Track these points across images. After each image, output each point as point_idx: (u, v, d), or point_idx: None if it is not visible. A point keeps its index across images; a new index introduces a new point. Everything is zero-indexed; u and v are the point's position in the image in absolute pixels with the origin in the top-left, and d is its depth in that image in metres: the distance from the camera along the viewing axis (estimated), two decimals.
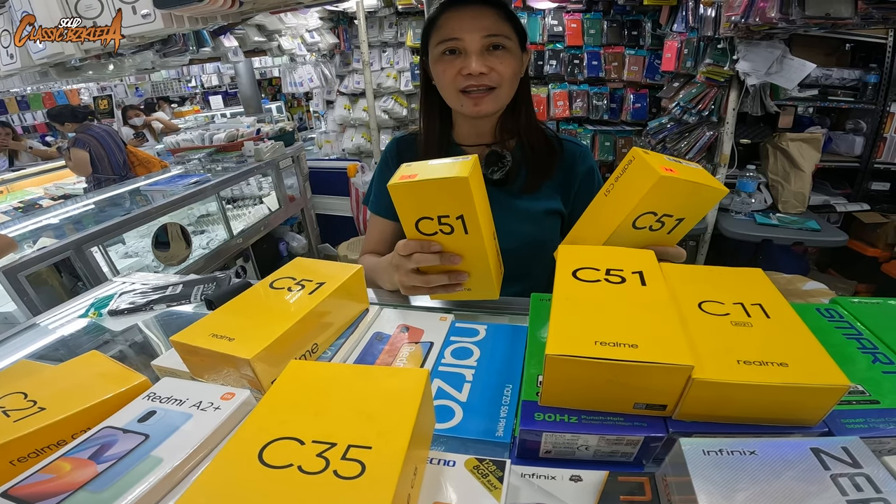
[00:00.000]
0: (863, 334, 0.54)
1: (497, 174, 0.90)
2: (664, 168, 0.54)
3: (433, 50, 0.84)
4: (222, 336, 0.53)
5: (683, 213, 0.59)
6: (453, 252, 0.63)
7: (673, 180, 0.54)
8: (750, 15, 1.77)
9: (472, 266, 0.65)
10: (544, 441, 0.43)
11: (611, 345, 0.40)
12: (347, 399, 0.39)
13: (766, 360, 0.40)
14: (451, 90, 0.83)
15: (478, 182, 0.61)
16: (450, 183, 0.55)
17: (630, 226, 0.59)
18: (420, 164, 0.62)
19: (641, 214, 0.58)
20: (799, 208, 2.36)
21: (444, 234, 0.61)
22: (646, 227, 0.60)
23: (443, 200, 0.58)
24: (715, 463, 0.34)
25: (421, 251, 0.63)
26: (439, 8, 0.83)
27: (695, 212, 0.59)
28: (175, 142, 3.50)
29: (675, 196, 0.56)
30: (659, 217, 0.59)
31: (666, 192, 0.56)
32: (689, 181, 0.55)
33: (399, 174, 0.59)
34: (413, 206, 0.60)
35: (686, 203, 0.58)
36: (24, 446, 0.44)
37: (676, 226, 0.61)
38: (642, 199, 0.56)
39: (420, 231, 0.62)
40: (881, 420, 0.42)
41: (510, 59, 0.81)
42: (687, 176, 0.55)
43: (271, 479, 0.31)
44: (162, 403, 0.46)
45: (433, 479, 0.37)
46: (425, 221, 0.61)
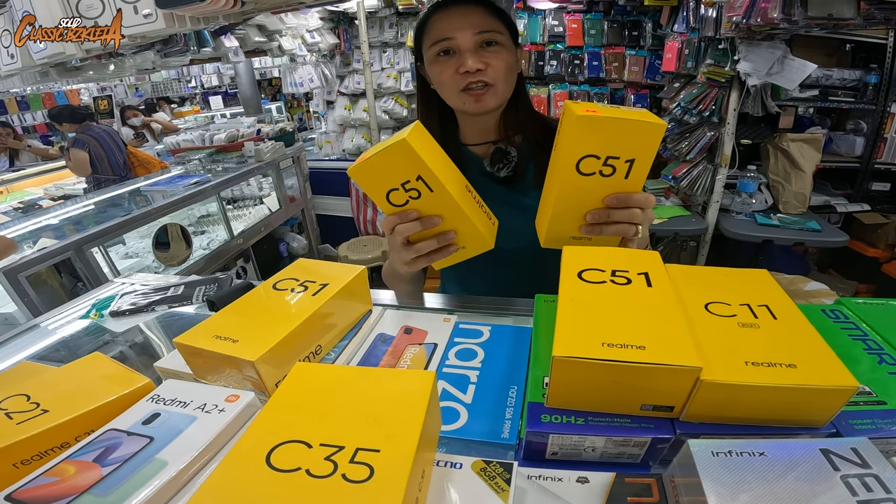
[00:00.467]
0: (868, 335, 0.53)
1: (503, 171, 0.89)
2: (585, 109, 0.55)
3: (427, 53, 0.83)
4: (226, 338, 0.52)
5: (628, 154, 0.58)
6: (430, 214, 0.65)
7: (594, 119, 0.54)
8: (751, 15, 1.77)
9: (454, 223, 0.67)
10: (551, 443, 0.43)
11: (618, 346, 0.40)
12: (354, 402, 0.39)
13: (774, 362, 0.40)
14: (451, 90, 0.83)
15: (425, 142, 0.63)
16: (394, 150, 0.58)
17: (575, 173, 0.59)
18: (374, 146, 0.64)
19: (581, 159, 0.58)
20: (799, 209, 2.36)
21: (414, 199, 0.64)
22: (594, 171, 0.59)
23: (396, 168, 0.60)
24: (724, 464, 0.34)
25: (401, 221, 0.65)
26: (427, 12, 0.83)
27: (639, 150, 0.58)
28: (175, 142, 3.50)
29: (606, 135, 0.56)
30: (604, 160, 0.58)
31: (593, 132, 0.56)
32: (610, 118, 0.55)
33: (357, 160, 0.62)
34: (375, 183, 0.63)
35: (623, 141, 0.57)
36: (28, 449, 0.44)
37: (630, 169, 0.59)
38: (571, 144, 0.57)
39: (393, 204, 0.65)
40: (888, 421, 0.42)
41: (504, 54, 0.81)
42: (611, 114, 0.55)
43: (280, 483, 0.31)
44: (166, 406, 0.46)
45: (440, 482, 0.37)
46: (393, 193, 0.63)
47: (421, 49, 0.85)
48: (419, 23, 0.84)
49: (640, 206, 0.62)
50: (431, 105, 0.92)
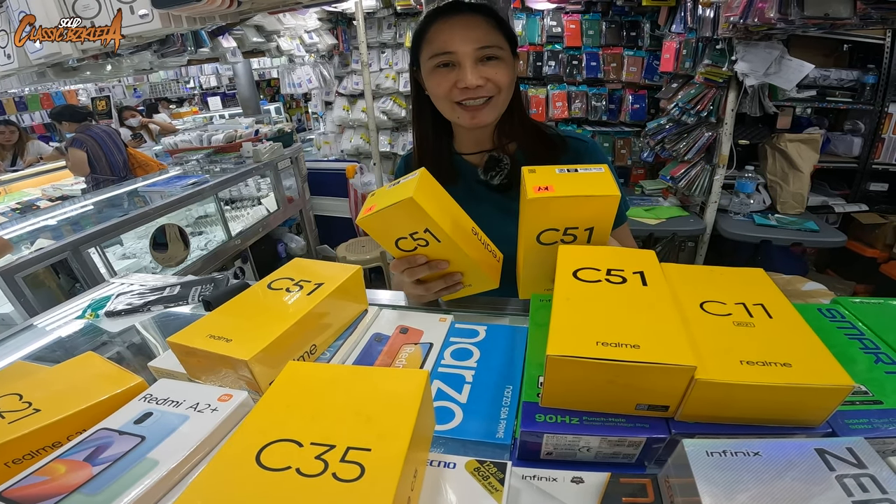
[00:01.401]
0: (865, 334, 0.53)
1: (497, 179, 0.89)
2: (537, 188, 0.55)
3: (425, 63, 0.82)
4: (220, 337, 0.52)
5: (586, 224, 0.59)
6: (438, 259, 0.67)
7: (542, 200, 0.55)
8: (748, 15, 1.77)
9: (461, 266, 0.69)
10: (545, 443, 0.42)
11: (612, 345, 0.40)
12: (346, 401, 0.39)
13: (769, 361, 0.40)
14: (446, 103, 0.82)
15: (432, 193, 0.63)
16: (401, 207, 0.59)
17: (537, 244, 0.61)
18: (381, 190, 0.66)
19: (541, 232, 0.59)
20: (797, 209, 2.36)
21: (422, 246, 0.66)
22: (555, 241, 0.60)
23: (404, 222, 0.62)
24: (718, 464, 0.34)
25: (409, 266, 0.68)
26: (427, 19, 0.81)
27: (596, 220, 0.58)
28: (173, 143, 3.49)
29: (558, 211, 0.57)
30: (563, 231, 0.59)
31: (546, 211, 0.56)
32: (564, 196, 0.55)
33: (366, 206, 0.63)
34: (383, 233, 0.65)
35: (579, 215, 0.57)
36: (19, 448, 0.44)
37: (591, 234, 0.60)
38: (528, 221, 0.58)
39: (401, 249, 0.67)
40: (884, 420, 0.42)
41: (504, 69, 0.80)
42: (564, 191, 0.55)
43: (269, 482, 0.31)
44: (158, 405, 0.46)
45: (433, 482, 0.37)
46: (402, 241, 0.65)
47: (418, 55, 0.84)
48: (419, 29, 0.83)
49: None
50: (425, 112, 0.91)
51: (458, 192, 0.93)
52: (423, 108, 0.91)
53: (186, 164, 3.23)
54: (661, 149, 2.55)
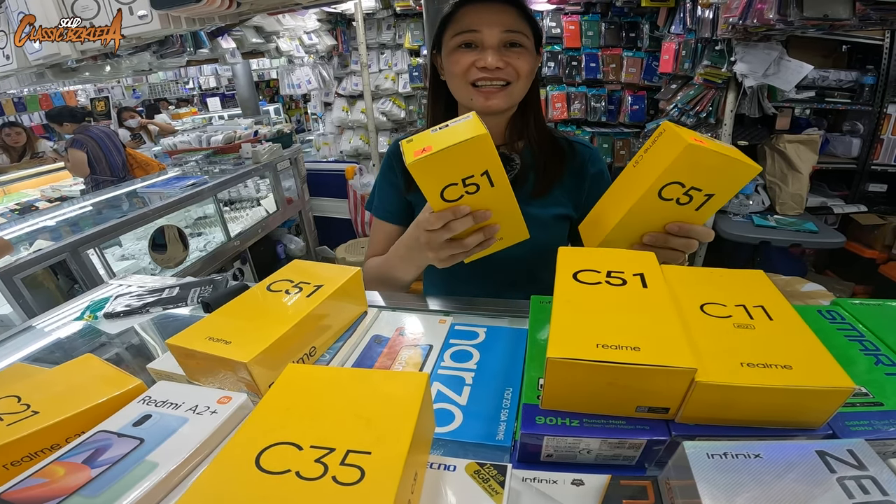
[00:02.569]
0: (865, 336, 0.53)
1: None
2: (694, 139, 0.53)
3: (448, 42, 0.82)
4: (219, 339, 0.52)
5: (713, 189, 0.57)
6: (483, 209, 0.63)
7: (701, 150, 0.53)
8: (748, 16, 1.77)
9: (502, 214, 0.65)
10: (545, 445, 0.42)
11: (612, 347, 0.40)
12: (346, 403, 0.38)
13: (769, 363, 0.40)
14: (461, 82, 0.82)
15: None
16: (472, 144, 0.55)
17: (656, 195, 0.58)
18: (423, 135, 0.61)
19: (668, 184, 0.56)
20: (796, 210, 2.36)
21: (470, 194, 0.61)
22: (673, 199, 0.58)
23: (467, 163, 0.58)
24: (719, 466, 0.34)
25: (454, 218, 0.62)
26: (456, 3, 0.82)
27: (724, 188, 0.57)
28: (172, 144, 3.49)
29: (703, 168, 0.55)
30: (686, 190, 0.57)
31: (694, 162, 0.54)
32: (719, 153, 0.54)
33: (411, 150, 0.58)
34: (437, 178, 0.59)
35: (715, 177, 0.56)
36: (18, 450, 0.43)
37: (705, 202, 0.59)
38: (670, 165, 0.54)
39: (446, 199, 0.62)
40: (885, 422, 0.42)
41: (527, 57, 0.80)
42: (717, 149, 0.54)
43: (269, 485, 0.31)
44: (157, 407, 0.45)
45: (433, 485, 0.37)
46: (450, 188, 0.60)
47: (441, 38, 0.84)
48: (446, 13, 0.83)
49: (699, 239, 0.61)
50: (440, 98, 0.91)
51: None
52: (439, 93, 0.90)
53: (185, 165, 3.22)
54: None
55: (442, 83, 0.88)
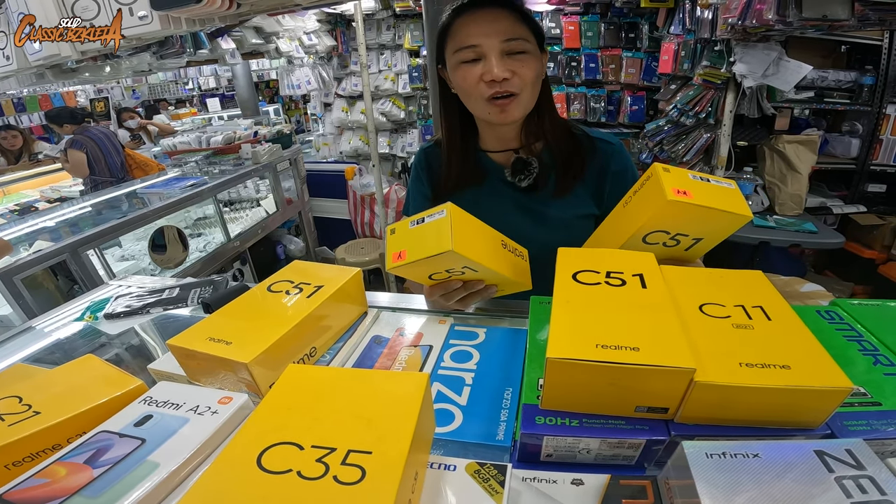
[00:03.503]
0: (863, 336, 0.53)
1: (525, 181, 0.87)
2: (676, 190, 0.53)
3: (451, 58, 0.81)
4: (220, 340, 0.52)
5: (699, 234, 0.58)
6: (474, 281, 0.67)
7: (683, 205, 0.53)
8: (747, 17, 1.77)
9: (495, 281, 0.68)
10: (545, 445, 0.43)
11: (612, 348, 0.40)
12: (347, 403, 0.39)
13: (768, 363, 0.40)
14: (476, 99, 0.80)
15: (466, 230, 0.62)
16: (441, 259, 0.58)
17: (640, 241, 0.59)
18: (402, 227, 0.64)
19: (651, 232, 0.58)
20: (796, 210, 2.36)
21: (457, 275, 0.66)
22: (658, 243, 0.59)
23: (442, 266, 0.62)
24: (718, 466, 0.34)
25: (446, 291, 0.68)
26: (452, 13, 0.80)
27: (713, 233, 0.58)
28: (172, 144, 3.49)
29: (686, 218, 0.55)
30: (672, 235, 0.58)
31: (675, 214, 0.55)
32: (702, 206, 0.53)
33: (389, 251, 0.63)
34: (418, 276, 0.66)
35: (701, 226, 0.57)
36: (20, 450, 0.44)
37: (694, 244, 0.60)
38: (649, 218, 0.56)
39: (434, 279, 0.67)
40: (883, 422, 0.42)
41: (531, 62, 0.78)
42: (703, 200, 0.53)
43: (270, 485, 0.31)
44: (158, 408, 0.46)
45: (434, 484, 0.37)
46: (436, 275, 0.65)
47: (443, 52, 0.83)
48: (443, 24, 0.82)
49: None
50: (452, 109, 0.89)
51: (482, 190, 0.91)
52: (450, 104, 0.89)
53: (185, 165, 3.22)
54: (659, 150, 2.56)
55: (453, 96, 0.86)
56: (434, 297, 0.70)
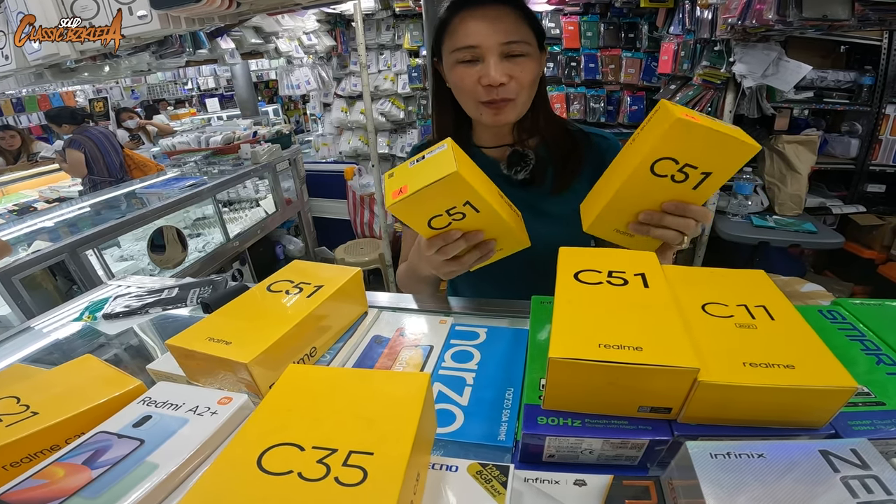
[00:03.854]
0: (866, 336, 0.53)
1: (521, 174, 0.86)
2: (685, 114, 0.52)
3: (447, 56, 0.79)
4: (219, 340, 0.52)
5: (709, 167, 0.56)
6: (475, 230, 0.64)
7: (692, 125, 0.51)
8: (746, 17, 1.77)
9: (496, 232, 0.66)
10: (547, 445, 0.42)
11: (615, 347, 0.40)
12: (348, 404, 0.38)
13: (771, 362, 0.40)
14: (470, 101, 0.79)
15: (467, 163, 0.61)
16: (445, 184, 0.55)
17: (648, 171, 0.56)
18: (402, 169, 0.62)
19: (660, 159, 0.55)
20: (795, 210, 2.36)
21: (457, 220, 0.62)
22: (667, 175, 0.57)
23: (444, 198, 0.58)
24: (723, 466, 0.34)
25: (445, 243, 0.63)
26: (450, 9, 0.78)
27: (721, 166, 0.56)
28: (171, 144, 3.49)
29: (696, 144, 0.53)
30: (681, 167, 0.56)
31: (685, 138, 0.53)
32: (709, 128, 0.52)
33: (389, 190, 0.60)
34: (418, 215, 0.61)
35: (710, 154, 0.55)
36: (17, 451, 0.43)
37: (702, 181, 0.57)
38: (659, 140, 0.53)
39: (433, 228, 0.63)
40: (887, 422, 0.42)
41: (530, 65, 0.76)
42: (711, 125, 0.52)
43: (271, 486, 0.31)
44: (157, 408, 0.45)
45: (435, 485, 0.37)
46: (436, 219, 0.61)
47: (440, 46, 0.81)
48: (441, 19, 0.79)
49: (696, 219, 0.60)
50: (446, 103, 0.88)
51: None
52: (444, 99, 0.88)
53: (184, 165, 3.22)
54: None
55: (447, 90, 0.85)
56: (432, 252, 0.65)
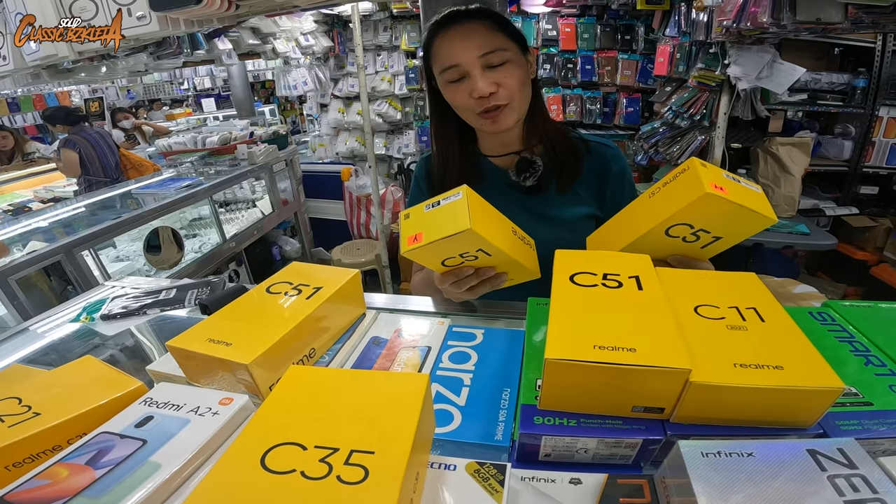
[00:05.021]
0: (855, 337, 0.54)
1: (529, 181, 0.88)
2: (714, 185, 0.53)
3: (438, 78, 0.82)
4: (220, 341, 0.52)
5: (722, 232, 0.58)
6: (486, 267, 0.67)
7: (718, 199, 0.52)
8: (741, 19, 1.79)
9: (506, 268, 0.68)
10: (544, 444, 0.43)
11: (609, 349, 0.41)
12: (348, 404, 0.39)
13: (761, 364, 0.41)
14: (469, 114, 0.82)
15: (482, 212, 0.62)
16: (460, 238, 0.57)
17: (662, 232, 0.59)
18: (416, 212, 0.64)
19: (677, 224, 0.57)
20: (789, 212, 2.38)
21: (470, 261, 0.65)
22: (679, 237, 0.59)
23: (458, 247, 0.61)
24: (713, 465, 0.34)
25: (457, 279, 0.67)
26: (429, 34, 0.81)
27: (735, 233, 0.58)
28: (167, 145, 3.48)
29: (717, 214, 0.55)
30: (695, 231, 0.58)
31: (708, 209, 0.54)
32: (736, 203, 0.53)
33: (404, 234, 0.62)
34: (432, 259, 0.64)
35: (727, 223, 0.57)
36: (20, 451, 0.44)
37: (711, 243, 0.60)
38: (682, 209, 0.55)
39: (446, 266, 0.66)
40: (875, 422, 0.43)
41: (515, 70, 0.79)
42: (736, 198, 0.53)
43: (274, 485, 0.31)
44: (159, 409, 0.46)
45: (434, 484, 0.37)
46: (449, 260, 0.65)
47: (431, 69, 0.84)
48: (424, 44, 0.83)
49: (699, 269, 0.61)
50: (447, 118, 0.90)
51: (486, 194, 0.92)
52: (445, 115, 0.89)
53: (180, 166, 3.21)
54: (654, 152, 2.58)
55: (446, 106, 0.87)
56: (445, 286, 0.69)
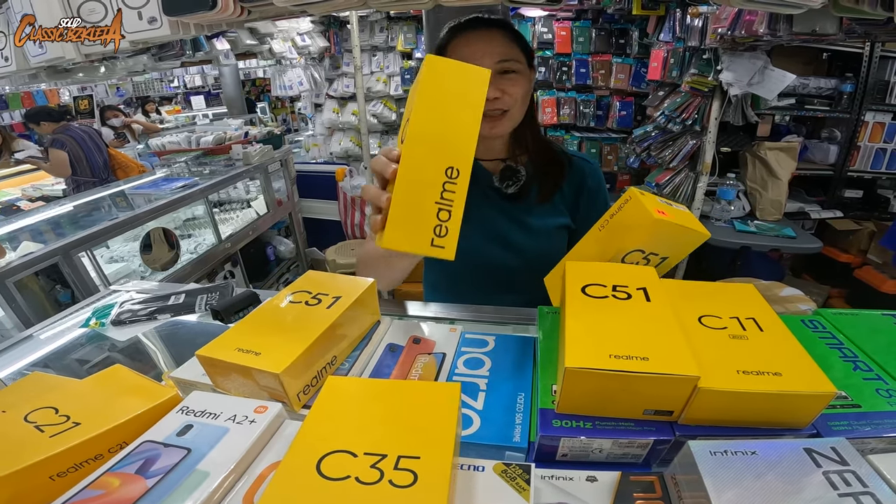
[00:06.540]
0: (844, 344, 0.58)
1: (511, 188, 0.92)
2: (658, 211, 0.58)
3: None
4: (248, 350, 0.54)
5: (668, 253, 0.64)
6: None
7: (664, 223, 0.58)
8: (736, 27, 1.83)
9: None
10: (562, 445, 0.46)
11: (624, 357, 0.44)
12: (389, 412, 0.42)
13: (762, 370, 0.44)
14: None
15: None
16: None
17: (619, 261, 0.64)
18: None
19: (630, 251, 0.63)
20: (775, 216, 2.44)
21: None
22: (634, 262, 0.65)
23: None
24: (721, 462, 0.38)
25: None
26: (448, 34, 0.85)
27: (678, 252, 0.65)
28: (161, 144, 3.45)
29: (664, 237, 0.61)
30: (646, 255, 0.64)
31: (657, 234, 0.60)
32: (679, 225, 0.59)
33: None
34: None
35: (672, 244, 0.63)
36: (64, 462, 0.45)
37: (660, 263, 0.66)
38: (634, 237, 0.61)
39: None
40: (863, 423, 0.47)
41: (521, 81, 0.83)
42: (677, 220, 0.59)
43: (333, 491, 0.34)
44: (197, 417, 0.47)
45: (466, 484, 0.40)
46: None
47: None
48: (439, 43, 0.86)
49: None
50: None
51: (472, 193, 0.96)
52: None
53: (174, 165, 3.19)
54: (646, 156, 2.62)
55: None
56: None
